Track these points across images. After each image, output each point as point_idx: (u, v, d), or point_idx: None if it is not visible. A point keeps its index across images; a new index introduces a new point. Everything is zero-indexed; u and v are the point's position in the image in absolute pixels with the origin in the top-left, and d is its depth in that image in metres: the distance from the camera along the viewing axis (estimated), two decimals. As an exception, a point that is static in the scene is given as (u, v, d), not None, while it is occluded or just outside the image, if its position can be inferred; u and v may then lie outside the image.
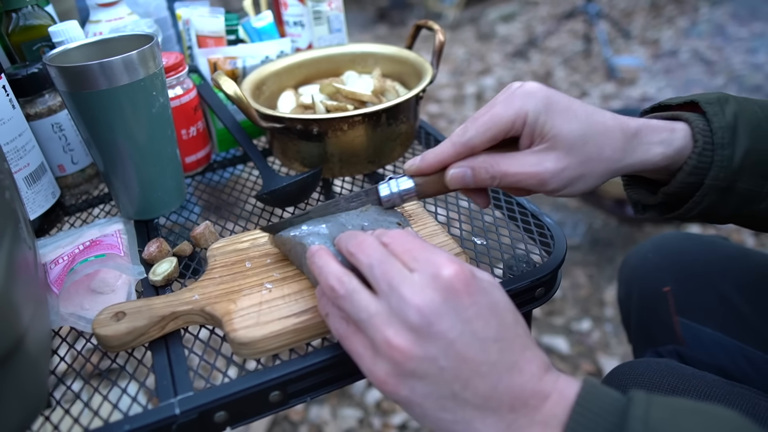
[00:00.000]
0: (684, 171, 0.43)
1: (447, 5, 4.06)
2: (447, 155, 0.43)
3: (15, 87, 0.58)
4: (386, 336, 0.32)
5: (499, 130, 0.41)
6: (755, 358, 0.59)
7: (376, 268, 0.34)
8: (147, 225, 0.61)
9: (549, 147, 0.41)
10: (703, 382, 0.49)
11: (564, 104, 0.41)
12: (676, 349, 0.65)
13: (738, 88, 2.50)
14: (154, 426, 0.38)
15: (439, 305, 0.32)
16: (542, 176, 0.41)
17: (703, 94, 0.45)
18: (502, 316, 0.34)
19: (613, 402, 0.31)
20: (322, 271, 0.37)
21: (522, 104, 0.41)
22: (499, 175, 0.42)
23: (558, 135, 0.40)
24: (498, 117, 0.41)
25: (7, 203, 0.39)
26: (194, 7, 0.81)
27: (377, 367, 0.33)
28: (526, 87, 0.42)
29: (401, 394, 0.33)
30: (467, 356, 0.32)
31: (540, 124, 0.41)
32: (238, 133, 0.66)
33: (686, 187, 0.44)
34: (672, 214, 0.47)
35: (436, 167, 0.44)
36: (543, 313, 1.48)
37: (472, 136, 0.42)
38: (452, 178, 0.43)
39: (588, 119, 0.41)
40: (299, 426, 1.22)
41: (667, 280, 0.68)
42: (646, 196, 0.49)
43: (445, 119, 2.62)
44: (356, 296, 0.34)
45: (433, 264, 0.33)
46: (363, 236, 0.37)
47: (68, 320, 0.47)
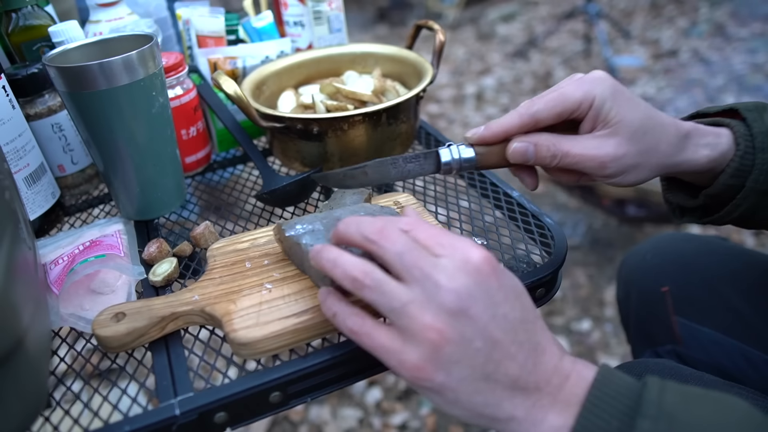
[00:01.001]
0: (726, 173, 0.45)
1: (447, 5, 4.06)
2: (512, 125, 0.43)
3: (15, 87, 0.57)
4: (424, 321, 0.32)
5: (565, 108, 0.42)
6: (754, 357, 0.59)
7: (405, 255, 0.34)
8: (147, 225, 0.61)
9: (611, 133, 0.42)
10: (701, 382, 0.49)
11: (628, 94, 0.43)
12: (674, 349, 0.65)
13: (738, 88, 2.50)
14: (154, 427, 0.38)
15: (473, 288, 0.33)
16: (602, 159, 0.42)
17: (742, 103, 0.47)
18: (523, 299, 0.35)
19: (628, 385, 0.32)
20: (338, 263, 0.36)
21: (591, 88, 0.42)
22: (560, 154, 0.43)
23: (621, 122, 0.42)
24: (567, 96, 0.42)
25: (6, 203, 0.39)
26: (194, 7, 0.81)
27: (411, 355, 0.33)
28: (595, 73, 0.43)
29: (437, 380, 0.33)
30: (499, 337, 0.33)
31: (606, 109, 0.42)
32: (238, 133, 0.66)
33: (728, 189, 0.46)
34: (711, 217, 0.49)
35: (500, 137, 0.44)
36: (543, 313, 1.48)
37: (540, 109, 0.42)
38: (514, 151, 0.44)
39: (648, 112, 0.43)
40: (299, 426, 1.22)
41: (666, 280, 0.68)
42: (686, 199, 0.51)
43: (445, 119, 2.62)
44: (385, 286, 0.34)
45: (459, 249, 0.34)
46: (380, 222, 0.36)
47: (68, 321, 0.47)
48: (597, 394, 0.32)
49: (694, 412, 0.31)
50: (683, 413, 0.30)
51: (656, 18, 3.57)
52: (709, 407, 0.31)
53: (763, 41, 2.94)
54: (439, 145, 0.73)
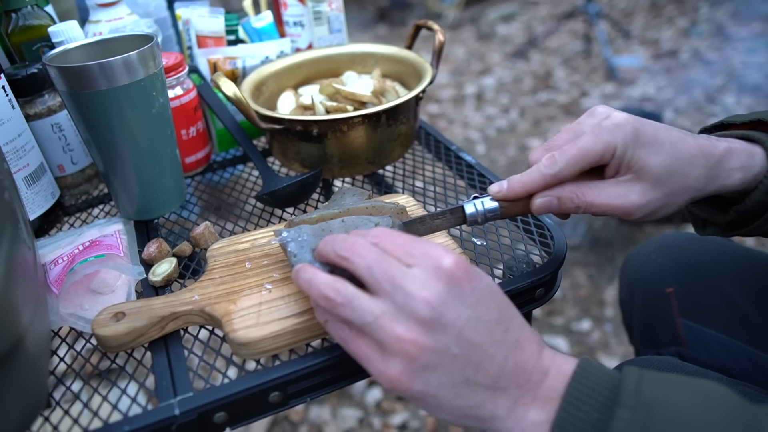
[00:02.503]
0: (759, 190, 0.44)
1: (447, 5, 4.06)
2: (534, 186, 0.43)
3: (15, 87, 0.58)
4: (396, 333, 0.32)
5: (587, 163, 0.42)
6: (759, 359, 0.58)
7: (374, 268, 0.34)
8: (147, 225, 0.61)
9: (635, 178, 0.42)
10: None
11: (651, 136, 0.42)
12: (678, 351, 0.65)
13: (738, 88, 2.50)
14: (154, 426, 0.38)
15: (445, 295, 0.33)
16: (628, 209, 0.42)
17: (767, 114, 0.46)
18: (498, 298, 0.35)
19: (607, 377, 0.33)
20: (312, 284, 0.36)
21: (612, 138, 0.41)
22: (584, 205, 0.43)
23: (645, 168, 0.41)
24: (587, 150, 0.41)
25: (6, 203, 0.39)
26: (194, 7, 0.81)
27: (388, 367, 0.33)
28: (614, 119, 0.42)
29: (416, 389, 0.33)
30: (476, 341, 0.33)
31: (628, 156, 0.41)
32: (238, 133, 0.66)
33: (759, 205, 0.45)
34: (738, 231, 0.48)
35: (522, 196, 0.44)
36: (543, 313, 1.48)
37: (562, 169, 0.42)
38: (539, 206, 0.44)
39: (673, 150, 0.42)
40: (299, 426, 1.22)
41: (670, 281, 0.67)
42: (714, 214, 0.50)
43: (445, 119, 2.62)
44: (356, 301, 0.34)
45: (430, 256, 0.34)
46: (351, 238, 0.37)
47: (68, 320, 0.47)
48: (576, 387, 0.32)
49: (673, 399, 0.31)
50: (661, 401, 0.30)
51: (656, 18, 3.57)
52: (688, 394, 0.31)
53: (763, 41, 2.94)
54: (438, 147, 0.73)
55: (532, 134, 2.38)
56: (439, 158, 0.71)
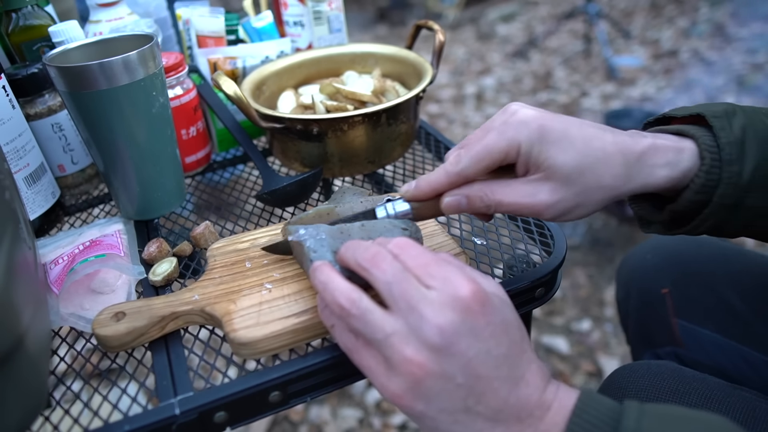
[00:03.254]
0: (691, 189, 0.42)
1: (447, 5, 4.06)
2: (440, 184, 0.43)
3: (15, 87, 0.58)
4: (405, 355, 0.33)
5: (492, 161, 0.41)
6: (754, 360, 0.58)
7: (394, 285, 0.34)
8: (147, 225, 0.61)
9: (544, 177, 0.40)
10: (704, 384, 0.49)
11: (559, 133, 0.40)
12: (674, 351, 0.65)
13: (738, 88, 2.50)
14: (154, 426, 0.38)
15: (458, 325, 0.33)
16: (537, 208, 0.41)
17: (710, 106, 0.43)
18: (511, 333, 0.35)
19: (607, 412, 0.32)
20: (327, 288, 0.36)
21: (515, 134, 0.40)
22: (494, 204, 0.42)
23: (553, 166, 0.40)
24: (491, 147, 0.40)
25: (6, 203, 0.39)
26: (194, 7, 0.81)
27: (392, 383, 0.34)
28: (519, 115, 0.41)
29: (416, 410, 0.33)
30: (482, 373, 0.33)
31: (534, 154, 0.40)
32: (238, 133, 0.66)
33: (693, 204, 0.42)
34: (679, 230, 0.46)
35: (430, 195, 0.43)
36: (543, 313, 1.48)
37: (466, 167, 0.41)
38: (447, 205, 0.43)
39: (586, 147, 0.40)
40: (299, 426, 1.22)
41: (666, 281, 0.67)
42: (651, 212, 0.48)
43: (445, 119, 2.62)
44: (370, 316, 0.34)
45: (450, 283, 0.34)
46: (374, 248, 0.37)
47: (68, 320, 0.47)
48: (577, 422, 0.32)
49: None
50: None
51: (656, 18, 3.58)
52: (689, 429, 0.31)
53: (763, 41, 2.94)
54: (438, 147, 0.73)
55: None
56: (439, 158, 0.71)
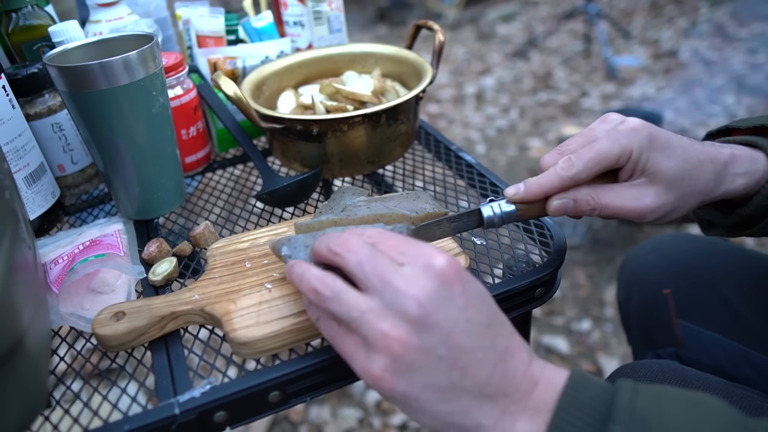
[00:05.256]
0: (762, 195, 0.45)
1: (447, 5, 4.06)
2: (552, 187, 0.44)
3: (15, 87, 0.58)
4: (382, 330, 0.32)
5: (604, 166, 0.43)
6: (756, 360, 0.58)
7: (365, 263, 0.34)
8: (147, 225, 0.61)
9: (649, 182, 0.43)
10: (705, 384, 0.49)
11: (664, 140, 0.43)
12: (676, 352, 0.65)
13: (738, 88, 2.50)
14: (154, 426, 0.38)
15: (435, 294, 0.32)
16: (642, 211, 0.43)
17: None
18: (489, 303, 0.35)
19: (600, 391, 0.32)
20: (303, 278, 0.36)
21: (628, 141, 0.42)
22: (600, 207, 0.44)
23: (658, 171, 0.42)
24: (604, 153, 0.42)
25: (7, 203, 0.39)
26: (194, 7, 0.81)
27: (372, 364, 0.33)
28: (629, 123, 0.44)
29: (398, 389, 0.32)
30: (464, 344, 0.32)
31: (643, 160, 0.42)
32: (238, 133, 0.66)
33: (761, 209, 0.46)
34: (742, 232, 0.50)
35: (539, 197, 0.45)
36: (543, 313, 1.48)
37: (579, 171, 0.43)
38: (556, 208, 0.44)
39: (684, 155, 0.43)
40: (299, 426, 1.22)
41: (667, 282, 0.67)
42: (719, 216, 0.51)
43: (445, 119, 2.62)
44: (344, 295, 0.34)
45: (422, 255, 0.34)
46: (344, 235, 0.37)
47: (68, 320, 0.47)
48: (568, 401, 0.32)
49: (668, 414, 0.30)
50: (656, 417, 0.30)
51: (656, 18, 3.58)
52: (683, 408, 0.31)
53: (763, 41, 2.94)
54: (438, 147, 0.73)
55: (532, 134, 2.38)
56: (439, 158, 0.71)
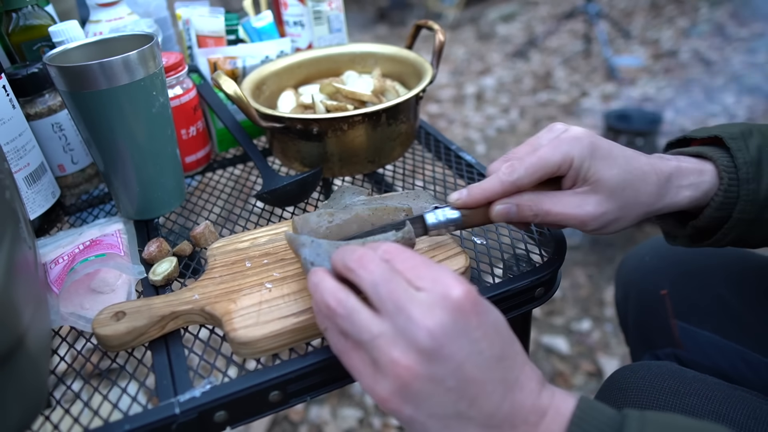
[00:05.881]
0: (711, 207, 0.45)
1: (447, 5, 4.06)
2: (494, 192, 0.44)
3: (15, 87, 0.58)
4: (392, 357, 0.32)
5: (545, 173, 0.43)
6: (753, 360, 0.58)
7: (381, 286, 0.33)
8: (147, 225, 0.61)
9: (591, 190, 0.43)
10: (704, 385, 0.49)
11: (606, 150, 0.44)
12: (674, 352, 0.65)
13: (738, 88, 2.50)
14: (154, 426, 0.38)
15: (449, 327, 0.32)
16: (583, 218, 0.44)
17: (726, 127, 0.47)
18: (504, 334, 0.34)
19: (607, 421, 0.32)
20: (318, 288, 0.36)
21: (569, 149, 0.43)
22: (542, 213, 0.44)
23: (600, 180, 0.43)
24: (546, 160, 0.43)
25: (7, 203, 0.39)
26: (194, 7, 0.81)
27: (379, 386, 0.33)
28: (572, 132, 0.45)
29: (404, 413, 0.32)
30: (474, 376, 0.32)
31: (585, 168, 0.43)
32: (238, 132, 0.66)
33: (714, 220, 0.46)
34: (703, 243, 0.49)
35: (482, 203, 0.45)
36: (543, 313, 1.48)
37: (521, 176, 0.43)
38: (498, 213, 0.45)
39: (627, 165, 0.43)
40: (299, 426, 1.22)
41: (664, 282, 0.67)
42: (676, 227, 0.51)
43: (445, 119, 2.62)
44: (356, 316, 0.33)
45: (440, 283, 0.33)
46: (362, 251, 0.36)
47: (68, 320, 0.47)
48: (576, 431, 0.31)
49: None
50: None
51: (656, 18, 3.58)
52: None
53: (763, 41, 2.94)
54: (438, 147, 0.73)
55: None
56: (439, 158, 0.71)
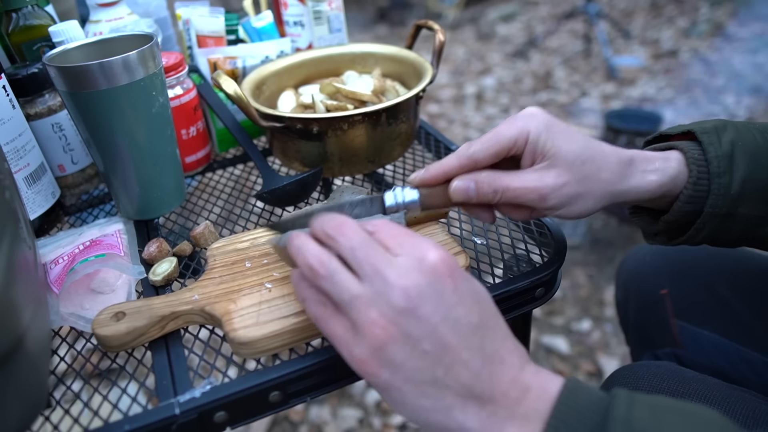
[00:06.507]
0: (681, 200, 0.44)
1: (447, 5, 4.06)
2: (451, 167, 0.44)
3: (15, 87, 0.58)
4: (369, 317, 0.32)
5: (501, 147, 0.43)
6: (753, 360, 0.58)
7: (358, 250, 0.34)
8: (147, 225, 0.61)
9: (549, 165, 0.43)
10: (703, 385, 0.49)
11: (563, 127, 0.43)
12: (674, 352, 0.65)
13: (738, 88, 2.50)
14: (154, 426, 0.38)
15: (424, 288, 0.32)
16: (542, 191, 0.42)
17: (701, 123, 0.46)
18: (484, 304, 0.34)
19: (596, 400, 0.31)
20: (300, 251, 0.36)
21: (524, 124, 0.43)
22: (501, 189, 0.43)
23: (558, 153, 0.42)
24: (501, 134, 0.43)
25: (7, 203, 0.39)
26: (194, 7, 0.81)
27: (358, 349, 0.33)
28: (527, 110, 0.44)
29: (381, 377, 0.32)
30: (450, 342, 0.32)
31: (541, 142, 0.42)
32: (238, 132, 0.66)
33: (686, 215, 0.45)
34: (678, 240, 0.48)
35: (440, 179, 0.44)
36: (543, 313, 1.48)
37: (476, 150, 0.43)
38: (455, 190, 0.44)
39: (585, 141, 0.43)
40: (299, 426, 1.22)
41: (664, 282, 0.67)
42: (650, 224, 0.50)
43: (445, 119, 2.62)
44: (337, 276, 0.34)
45: (418, 248, 0.34)
46: (341, 218, 0.36)
47: (68, 320, 0.47)
48: (562, 410, 0.31)
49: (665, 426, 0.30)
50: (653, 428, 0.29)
51: (656, 18, 3.58)
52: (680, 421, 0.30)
53: (763, 41, 2.94)
54: (438, 147, 0.73)
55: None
56: (439, 158, 0.71)
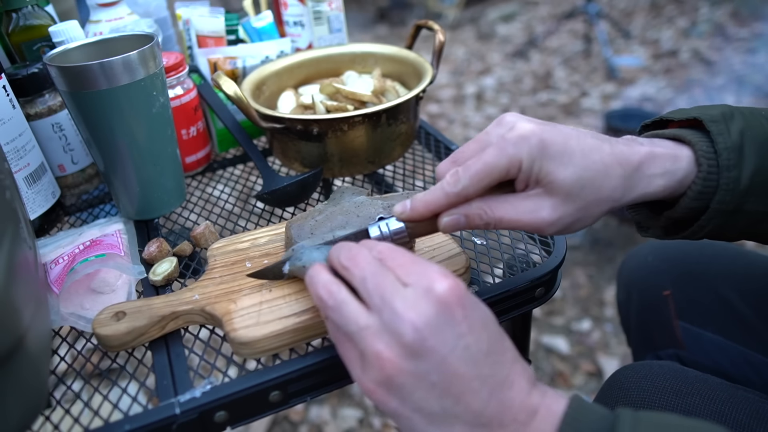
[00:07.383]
0: (688, 197, 0.41)
1: (447, 5, 4.06)
2: (438, 205, 0.40)
3: (15, 87, 0.58)
4: (376, 350, 0.32)
5: (493, 179, 0.39)
6: (756, 361, 0.58)
7: (368, 281, 0.34)
8: (147, 225, 0.61)
9: (545, 192, 0.39)
10: (706, 385, 0.49)
11: (559, 146, 0.38)
12: (676, 353, 0.65)
13: (738, 88, 2.50)
14: (155, 426, 0.38)
15: (432, 320, 0.32)
16: (538, 225, 0.39)
17: (706, 109, 0.42)
18: (491, 329, 0.34)
19: (600, 420, 0.31)
20: (312, 281, 0.37)
21: (516, 151, 0.38)
22: (494, 222, 0.40)
23: (554, 181, 0.38)
24: (491, 166, 0.38)
25: (7, 203, 0.39)
26: (194, 7, 0.81)
27: (366, 377, 0.33)
28: (518, 130, 0.39)
29: (390, 406, 0.33)
30: (459, 371, 0.32)
31: (535, 170, 0.38)
32: (238, 133, 0.66)
33: (691, 211, 0.42)
34: (677, 235, 0.45)
35: (426, 216, 0.41)
36: (543, 313, 1.48)
37: (466, 186, 0.39)
38: (446, 225, 0.40)
39: (585, 160, 0.38)
40: (299, 426, 1.22)
41: (667, 283, 0.67)
42: (649, 218, 0.47)
43: (445, 119, 2.62)
44: (345, 307, 0.34)
45: (426, 277, 0.33)
46: (356, 248, 0.37)
47: (68, 320, 0.47)
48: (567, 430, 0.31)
49: None
50: None
51: (656, 18, 3.58)
52: None
53: (763, 41, 2.94)
54: (438, 147, 0.73)
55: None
56: (439, 158, 0.71)
